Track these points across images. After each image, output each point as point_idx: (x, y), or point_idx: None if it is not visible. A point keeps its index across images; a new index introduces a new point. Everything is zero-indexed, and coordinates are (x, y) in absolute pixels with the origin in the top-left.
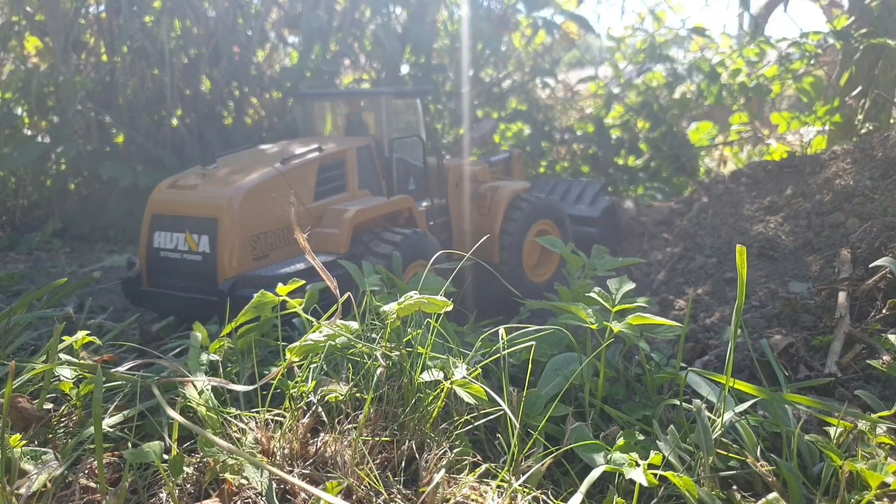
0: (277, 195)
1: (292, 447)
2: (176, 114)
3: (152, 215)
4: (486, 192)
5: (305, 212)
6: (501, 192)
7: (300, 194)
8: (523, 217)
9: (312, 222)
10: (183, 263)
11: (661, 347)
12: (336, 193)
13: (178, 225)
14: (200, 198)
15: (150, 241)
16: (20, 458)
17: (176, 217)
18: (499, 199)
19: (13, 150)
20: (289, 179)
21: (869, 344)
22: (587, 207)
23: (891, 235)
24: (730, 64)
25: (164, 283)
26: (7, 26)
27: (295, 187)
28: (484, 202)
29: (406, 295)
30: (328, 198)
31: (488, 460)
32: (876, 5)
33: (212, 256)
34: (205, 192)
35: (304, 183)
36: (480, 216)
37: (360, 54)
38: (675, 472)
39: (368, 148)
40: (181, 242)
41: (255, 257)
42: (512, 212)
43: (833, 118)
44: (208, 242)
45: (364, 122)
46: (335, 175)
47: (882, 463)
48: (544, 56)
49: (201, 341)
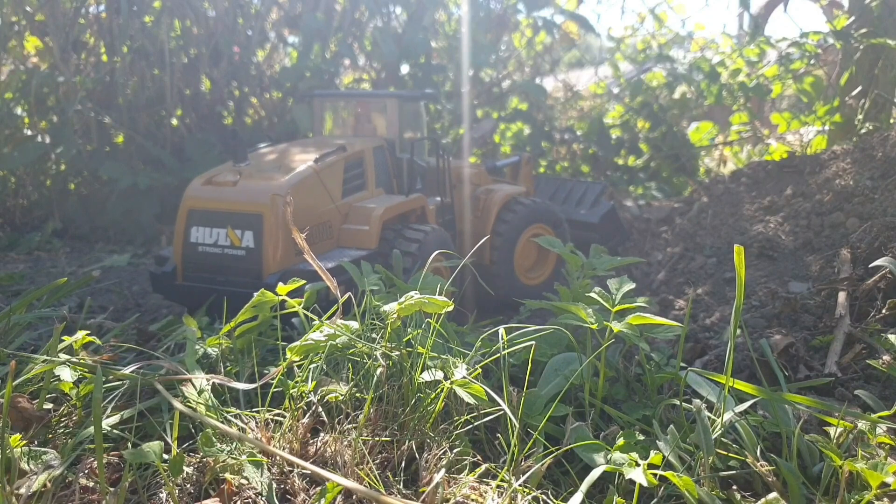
0: (315, 192)
1: (292, 447)
2: (176, 114)
3: (188, 210)
4: (482, 194)
5: (335, 209)
6: (495, 195)
7: (331, 191)
8: (516, 220)
9: (340, 219)
10: (224, 258)
11: (661, 347)
12: (358, 191)
13: (218, 220)
14: (243, 194)
15: (187, 235)
16: (20, 458)
17: (215, 212)
18: (492, 201)
19: (13, 150)
20: (322, 177)
21: (869, 344)
22: (587, 211)
23: (891, 235)
24: (730, 64)
25: (201, 278)
26: (7, 26)
27: (327, 185)
28: (478, 204)
29: (406, 295)
30: (352, 195)
31: (488, 460)
32: (876, 5)
33: (256, 251)
34: (247, 189)
35: (334, 180)
36: (475, 218)
37: (359, 55)
38: (675, 472)
39: (382, 148)
40: (222, 237)
41: (297, 252)
42: (505, 214)
43: (833, 118)
44: (252, 238)
45: (373, 123)
46: (357, 174)
47: (882, 463)
48: (544, 56)
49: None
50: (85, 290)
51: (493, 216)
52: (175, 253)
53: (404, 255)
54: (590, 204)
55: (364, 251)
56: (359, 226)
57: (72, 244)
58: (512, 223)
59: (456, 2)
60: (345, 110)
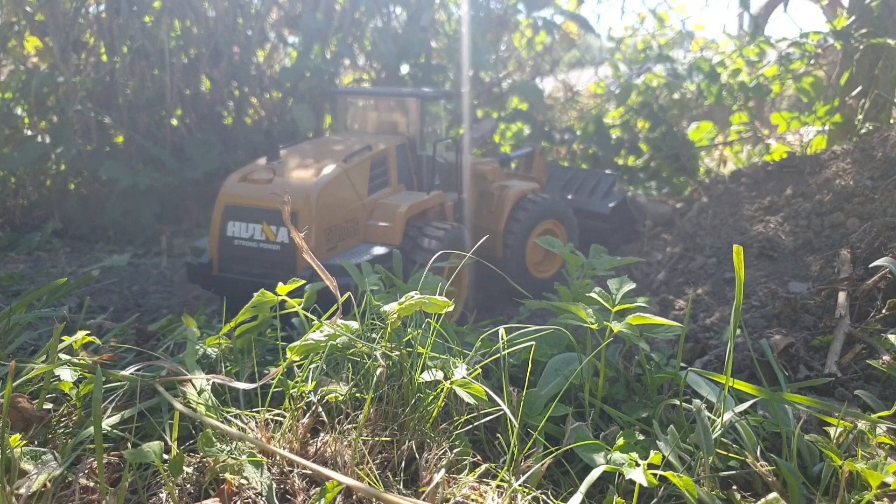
0: (344, 190)
1: (292, 447)
2: (176, 114)
3: (224, 206)
4: (495, 190)
5: (361, 205)
6: (508, 191)
7: (358, 189)
8: (529, 216)
9: (366, 215)
10: (259, 252)
11: (661, 347)
12: (382, 188)
13: (253, 216)
14: (278, 192)
15: (223, 229)
16: (20, 458)
17: (251, 209)
18: (505, 198)
19: (13, 150)
20: (350, 176)
21: (869, 344)
22: (598, 202)
23: (891, 235)
24: (730, 64)
25: (237, 270)
26: (7, 26)
27: (355, 183)
28: (492, 200)
29: (406, 295)
30: (377, 192)
31: (488, 460)
32: (876, 5)
33: (290, 247)
34: (282, 187)
35: (361, 178)
36: (488, 213)
37: (359, 55)
38: (675, 472)
39: (404, 146)
40: (257, 232)
41: (328, 248)
42: (517, 211)
43: (833, 118)
44: (287, 233)
45: (393, 120)
46: (382, 171)
47: (882, 463)
48: (544, 56)
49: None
50: (85, 289)
51: (506, 212)
52: (211, 245)
53: (424, 253)
54: (602, 195)
55: (388, 247)
56: (384, 222)
57: (72, 244)
58: (524, 220)
59: (456, 2)
60: (367, 108)
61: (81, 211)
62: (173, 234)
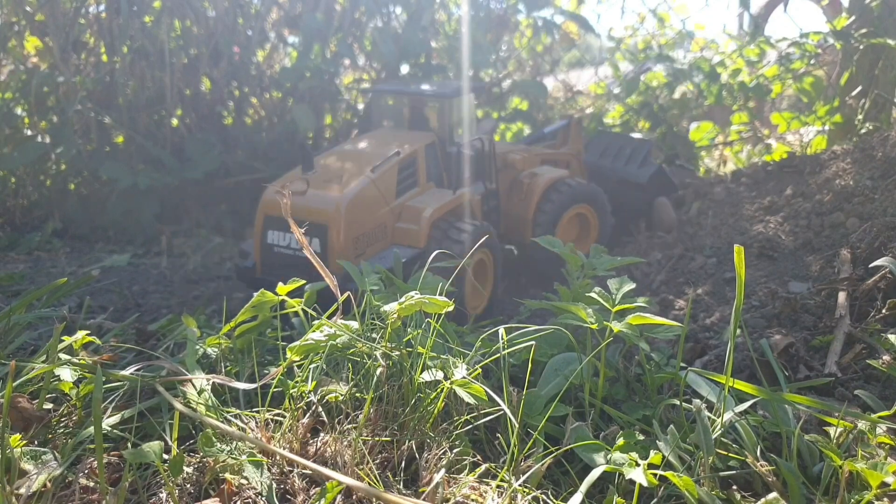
0: (371, 200)
1: (292, 447)
2: (176, 114)
3: (264, 216)
4: (525, 178)
5: (389, 210)
6: (538, 179)
7: (386, 196)
8: (560, 200)
9: (394, 218)
10: (295, 259)
11: (661, 347)
12: (410, 189)
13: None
14: (310, 204)
15: (264, 237)
16: (20, 458)
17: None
18: (535, 185)
19: (13, 150)
20: (378, 185)
21: (869, 344)
22: (636, 171)
23: (891, 235)
24: (730, 64)
25: (276, 274)
26: (7, 26)
27: (382, 191)
28: (522, 189)
29: (407, 295)
30: (405, 194)
31: (488, 460)
32: (876, 5)
33: (322, 255)
34: (313, 200)
35: (388, 185)
36: (518, 201)
37: (359, 55)
38: (675, 472)
39: (434, 144)
40: (293, 241)
41: (356, 255)
42: (550, 194)
43: (833, 118)
44: (319, 244)
45: (426, 116)
46: (410, 173)
47: (882, 463)
48: (544, 56)
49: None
50: (85, 289)
51: (535, 200)
52: (254, 251)
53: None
54: (638, 163)
55: (414, 249)
56: (410, 224)
57: (72, 244)
58: (555, 203)
59: (456, 2)
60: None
61: (81, 211)
62: (173, 234)
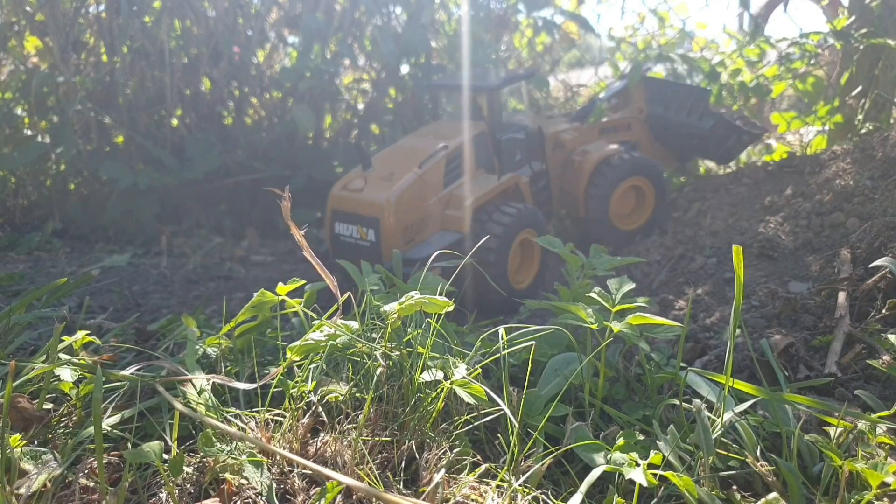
0: (419, 193)
1: (292, 447)
2: (176, 114)
3: (332, 210)
4: (577, 156)
5: (437, 200)
6: (589, 156)
7: (434, 188)
8: (613, 174)
9: (442, 207)
10: (357, 247)
11: (661, 347)
12: (458, 179)
13: (352, 219)
14: (365, 200)
15: (333, 228)
16: (20, 458)
17: (350, 213)
18: (585, 163)
19: (13, 150)
20: (425, 179)
21: (869, 344)
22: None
23: (891, 235)
24: (730, 64)
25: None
26: (7, 26)
27: (430, 184)
28: (573, 167)
29: (407, 295)
30: (452, 184)
31: (488, 460)
32: (876, 5)
33: (377, 244)
34: (368, 196)
35: (435, 178)
36: (571, 179)
37: (359, 55)
38: (675, 472)
39: (483, 133)
40: (355, 232)
41: (406, 242)
42: (602, 168)
43: (833, 118)
44: (374, 234)
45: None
46: (457, 164)
47: (882, 463)
48: (544, 56)
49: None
50: (85, 289)
51: (585, 177)
52: (326, 240)
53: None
54: (699, 113)
55: (459, 234)
56: (455, 211)
57: (72, 244)
58: (608, 177)
59: (456, 1)
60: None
61: (81, 211)
62: (173, 234)
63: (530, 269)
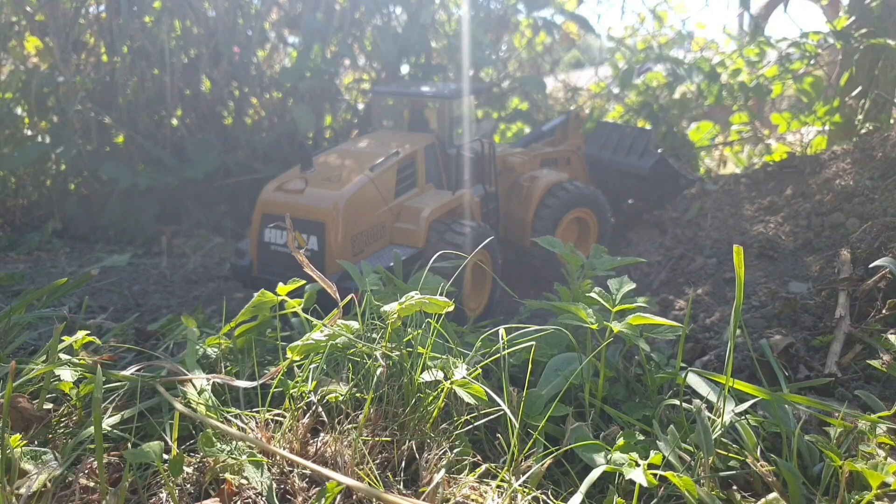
0: (370, 199)
1: (292, 447)
2: (176, 114)
3: (262, 214)
4: (525, 181)
5: (388, 210)
6: (538, 182)
7: (385, 196)
8: (559, 204)
9: (393, 218)
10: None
11: (661, 347)
12: (409, 190)
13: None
14: (308, 203)
15: (261, 235)
16: (20, 458)
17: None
18: (534, 189)
19: (13, 150)
20: (377, 184)
21: (869, 344)
22: (637, 161)
23: (891, 235)
24: (730, 64)
25: (273, 272)
26: (7, 26)
27: (381, 191)
28: (521, 192)
29: (407, 295)
30: (404, 195)
31: (488, 460)
32: (876, 5)
33: (320, 253)
34: (311, 198)
35: (387, 185)
36: (518, 204)
37: (359, 55)
38: (675, 472)
39: (433, 145)
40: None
41: (355, 253)
42: (548, 198)
43: (833, 118)
44: (317, 242)
45: (426, 117)
46: (409, 174)
47: (882, 463)
48: (544, 56)
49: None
50: (85, 289)
51: (534, 204)
52: (251, 249)
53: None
54: (639, 153)
55: (412, 249)
56: (408, 225)
57: (72, 244)
58: (553, 208)
59: (456, 2)
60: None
61: (81, 211)
62: (173, 234)
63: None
